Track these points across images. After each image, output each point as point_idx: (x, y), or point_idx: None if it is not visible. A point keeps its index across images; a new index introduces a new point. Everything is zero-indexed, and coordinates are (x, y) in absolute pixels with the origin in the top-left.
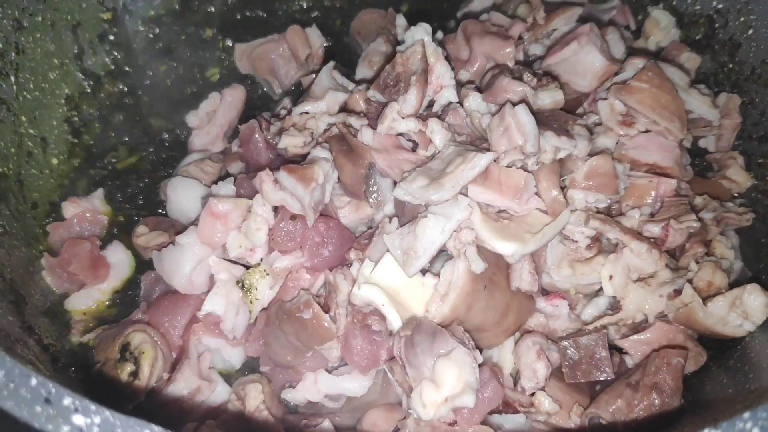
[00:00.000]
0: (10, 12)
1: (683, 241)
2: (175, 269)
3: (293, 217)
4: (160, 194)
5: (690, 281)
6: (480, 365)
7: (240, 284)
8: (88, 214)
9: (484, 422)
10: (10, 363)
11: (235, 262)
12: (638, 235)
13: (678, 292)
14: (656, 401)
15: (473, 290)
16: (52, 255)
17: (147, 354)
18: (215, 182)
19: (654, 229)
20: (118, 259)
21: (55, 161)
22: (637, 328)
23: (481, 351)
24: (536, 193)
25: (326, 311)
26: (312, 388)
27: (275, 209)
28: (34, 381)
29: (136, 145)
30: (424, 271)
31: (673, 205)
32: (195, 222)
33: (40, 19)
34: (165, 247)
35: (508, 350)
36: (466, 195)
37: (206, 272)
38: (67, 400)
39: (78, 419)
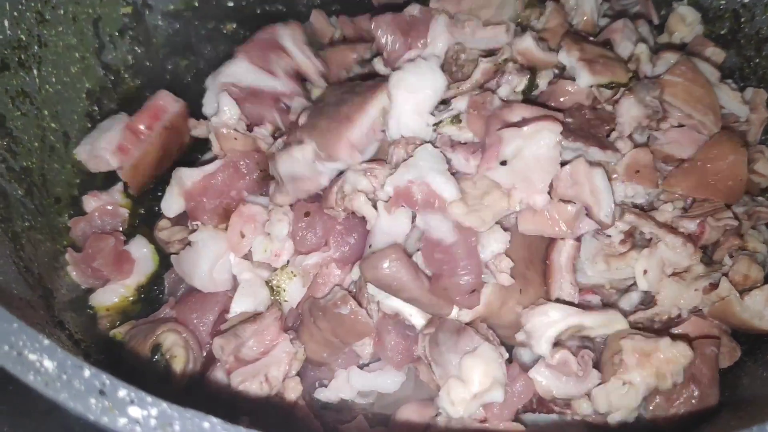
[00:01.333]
0: (33, 4)
1: (718, 238)
2: (193, 269)
3: (306, 213)
4: None
5: (725, 275)
6: (508, 361)
7: (269, 285)
8: (109, 207)
9: (516, 419)
10: (62, 354)
11: None
12: (673, 229)
13: (713, 286)
14: (695, 393)
15: (507, 289)
16: (76, 250)
17: (179, 358)
18: None
19: (689, 225)
20: (142, 254)
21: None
22: (671, 323)
23: (510, 350)
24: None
25: None
26: (344, 385)
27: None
28: (87, 372)
29: None
30: None
31: (706, 202)
32: None
33: (62, 12)
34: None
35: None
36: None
37: (227, 269)
38: (123, 392)
39: (134, 411)
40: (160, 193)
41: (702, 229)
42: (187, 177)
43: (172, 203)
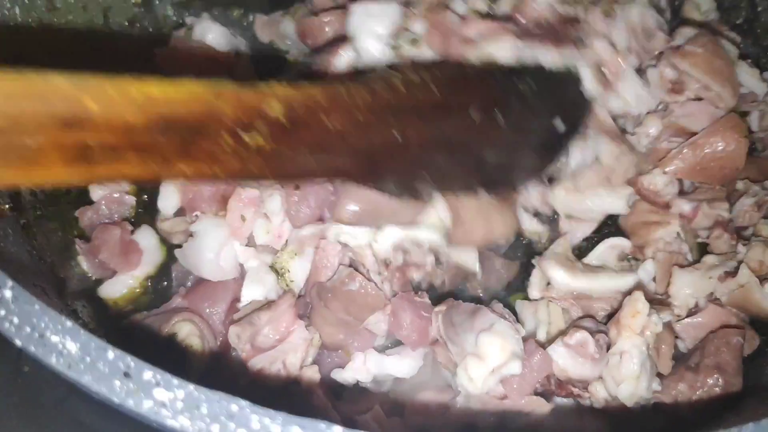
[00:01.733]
0: None
1: (709, 225)
2: (199, 260)
3: (296, 186)
4: None
5: (740, 263)
6: (524, 338)
7: (273, 269)
8: (116, 195)
9: None
10: (84, 336)
11: None
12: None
13: (729, 274)
14: (720, 381)
15: None
16: (85, 240)
17: (195, 347)
18: None
19: (684, 206)
20: (150, 244)
21: None
22: (689, 312)
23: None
24: None
25: None
26: (362, 368)
27: None
28: (111, 354)
29: None
30: None
31: (710, 189)
32: None
33: (72, 0)
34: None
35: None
36: None
37: (233, 255)
38: (148, 374)
39: (160, 394)
40: None
41: (695, 213)
42: None
43: (169, 200)
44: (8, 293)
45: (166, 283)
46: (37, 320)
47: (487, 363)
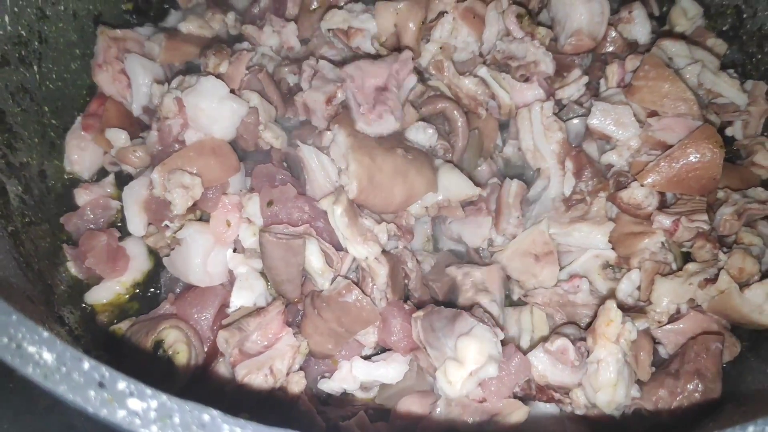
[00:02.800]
0: (33, 0)
1: (690, 237)
2: (187, 266)
3: (269, 202)
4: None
5: (720, 270)
6: (503, 342)
7: (263, 274)
8: (101, 201)
9: None
10: (61, 346)
11: None
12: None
13: (710, 281)
14: (699, 387)
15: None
16: (73, 245)
17: (182, 354)
18: None
19: (665, 221)
20: (138, 251)
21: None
22: (670, 318)
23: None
24: None
25: None
26: (348, 376)
27: None
28: (86, 365)
29: None
30: None
31: (690, 201)
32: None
33: (62, 8)
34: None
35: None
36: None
37: (221, 261)
38: (122, 384)
39: (134, 403)
40: None
41: (676, 227)
42: (140, 187)
43: (137, 222)
44: None
45: (154, 289)
46: (14, 330)
47: (466, 366)
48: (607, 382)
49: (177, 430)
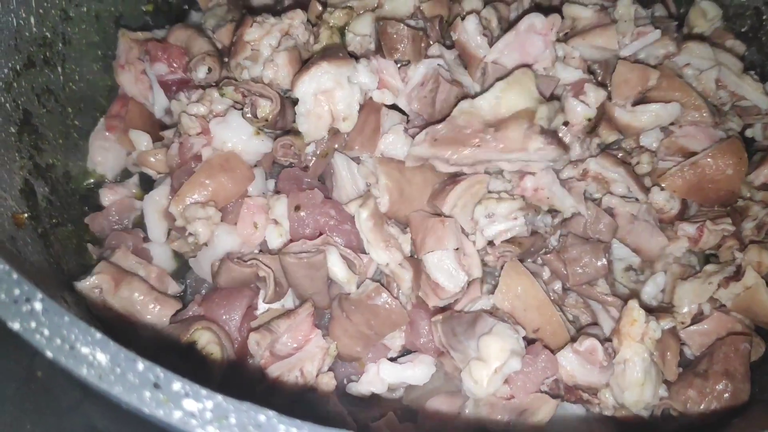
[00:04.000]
0: (57, 2)
1: (716, 242)
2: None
3: (297, 207)
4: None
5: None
6: (531, 341)
7: None
8: (126, 201)
9: None
10: (114, 347)
11: None
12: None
13: (731, 278)
14: (729, 387)
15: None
16: (98, 245)
17: (215, 355)
18: None
19: (689, 229)
20: (163, 253)
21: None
22: (694, 319)
23: None
24: None
25: None
26: (375, 379)
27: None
28: (141, 366)
29: None
30: None
31: (710, 211)
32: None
33: (85, 9)
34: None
35: None
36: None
37: None
38: (177, 385)
39: (189, 404)
40: None
41: (701, 233)
42: (160, 197)
43: (157, 230)
44: (38, 305)
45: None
46: (67, 332)
47: (490, 364)
48: (634, 381)
49: (233, 430)
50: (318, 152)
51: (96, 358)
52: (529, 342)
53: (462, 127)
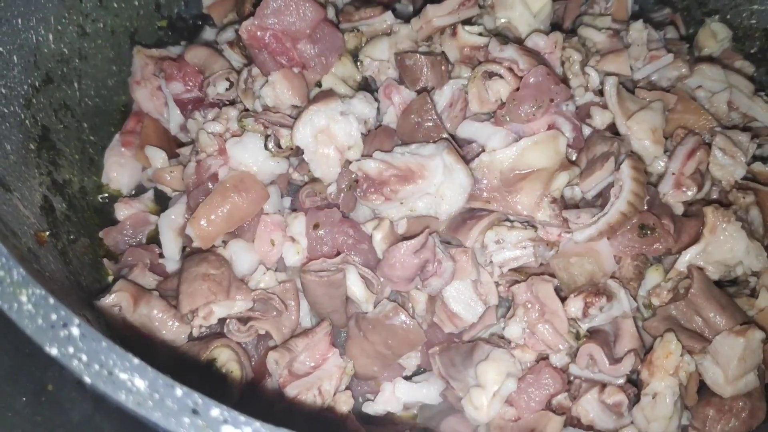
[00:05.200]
0: (75, 18)
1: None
2: None
3: (316, 225)
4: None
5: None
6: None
7: None
8: (140, 215)
9: None
10: (152, 373)
11: None
12: None
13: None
14: (747, 405)
15: None
16: (113, 260)
17: (236, 374)
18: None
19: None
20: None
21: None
22: None
23: None
24: None
25: None
26: (391, 398)
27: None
28: (179, 392)
29: None
30: None
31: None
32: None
33: (101, 25)
34: None
35: None
36: None
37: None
38: (215, 411)
39: (228, 430)
40: None
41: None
42: (176, 215)
43: (172, 247)
44: (76, 331)
45: None
46: (105, 358)
47: (487, 389)
48: (663, 414)
49: None
50: (343, 187)
51: (135, 384)
52: (541, 358)
53: (477, 180)
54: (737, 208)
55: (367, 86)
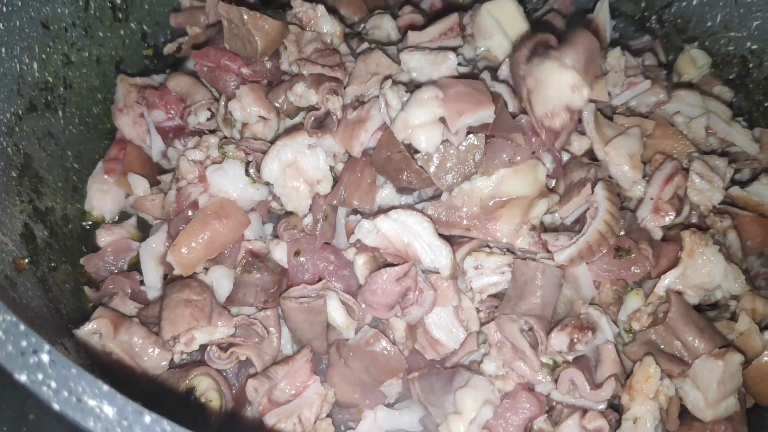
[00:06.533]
0: (60, 47)
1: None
2: None
3: (297, 252)
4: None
5: (733, 315)
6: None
7: None
8: (122, 242)
9: None
10: (121, 400)
11: None
12: None
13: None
14: (728, 429)
15: None
16: (94, 287)
17: (215, 402)
18: None
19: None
20: (158, 296)
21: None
22: None
23: None
24: None
25: None
26: (372, 426)
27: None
28: (148, 418)
29: None
30: None
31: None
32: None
33: (86, 54)
34: None
35: None
36: None
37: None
38: None
39: None
40: None
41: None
42: (156, 243)
43: (153, 276)
44: (45, 357)
45: None
46: (74, 384)
47: (464, 416)
48: None
49: None
50: (319, 217)
51: (103, 411)
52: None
53: (457, 208)
54: (715, 232)
55: None
